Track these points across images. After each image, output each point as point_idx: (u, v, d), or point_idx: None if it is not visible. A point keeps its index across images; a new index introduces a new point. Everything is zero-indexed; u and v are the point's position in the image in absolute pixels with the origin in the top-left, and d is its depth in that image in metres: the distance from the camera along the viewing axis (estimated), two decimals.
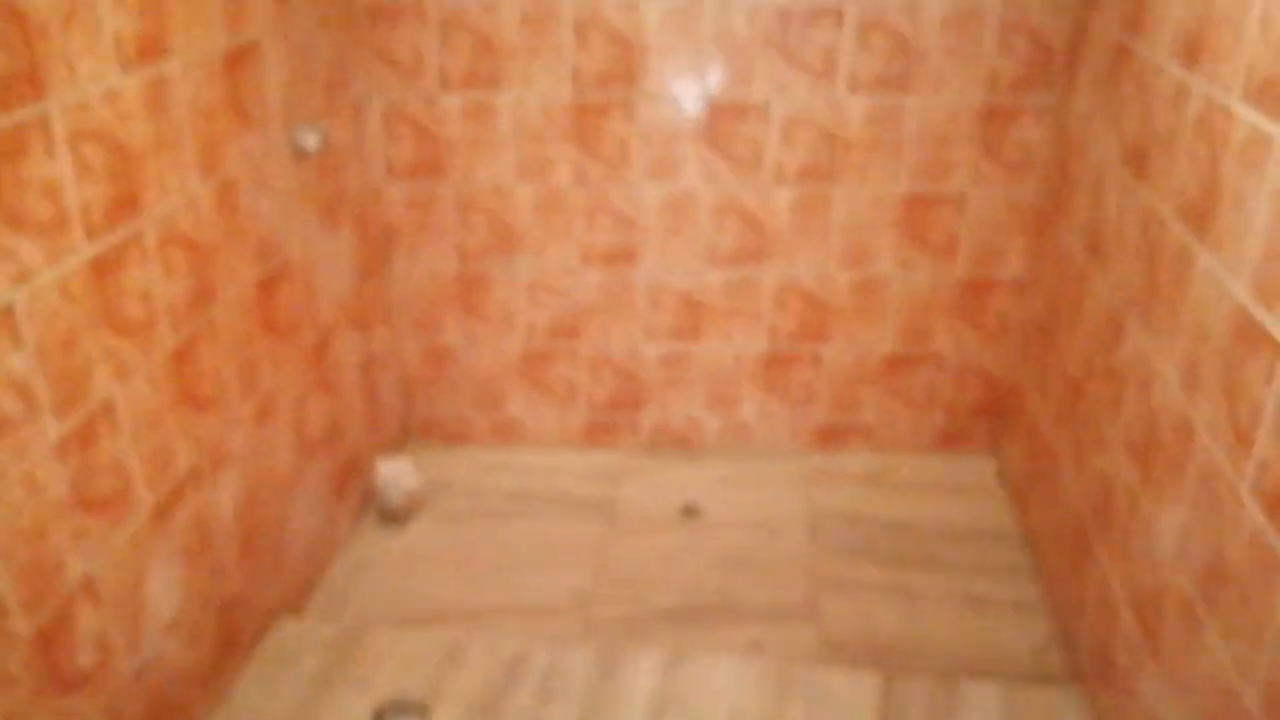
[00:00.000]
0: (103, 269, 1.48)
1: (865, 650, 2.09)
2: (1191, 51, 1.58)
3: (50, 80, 1.35)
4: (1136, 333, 1.73)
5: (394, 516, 2.50)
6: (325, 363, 2.26)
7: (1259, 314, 1.33)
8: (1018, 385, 2.51)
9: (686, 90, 2.37)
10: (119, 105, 1.49)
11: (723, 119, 2.39)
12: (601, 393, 2.72)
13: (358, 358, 2.44)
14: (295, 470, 2.13)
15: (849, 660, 2.06)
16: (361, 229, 2.41)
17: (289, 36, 2.00)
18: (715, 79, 2.36)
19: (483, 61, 2.37)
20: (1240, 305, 1.38)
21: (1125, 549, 1.73)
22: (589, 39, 2.33)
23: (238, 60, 1.82)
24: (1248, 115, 1.39)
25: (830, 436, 2.74)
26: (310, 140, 2.04)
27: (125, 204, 1.52)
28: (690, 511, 2.53)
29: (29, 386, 1.34)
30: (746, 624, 2.17)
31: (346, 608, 2.22)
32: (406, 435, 2.80)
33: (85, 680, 1.48)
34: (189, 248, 1.70)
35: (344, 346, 2.35)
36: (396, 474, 2.48)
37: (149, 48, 1.56)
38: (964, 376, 2.64)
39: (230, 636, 1.90)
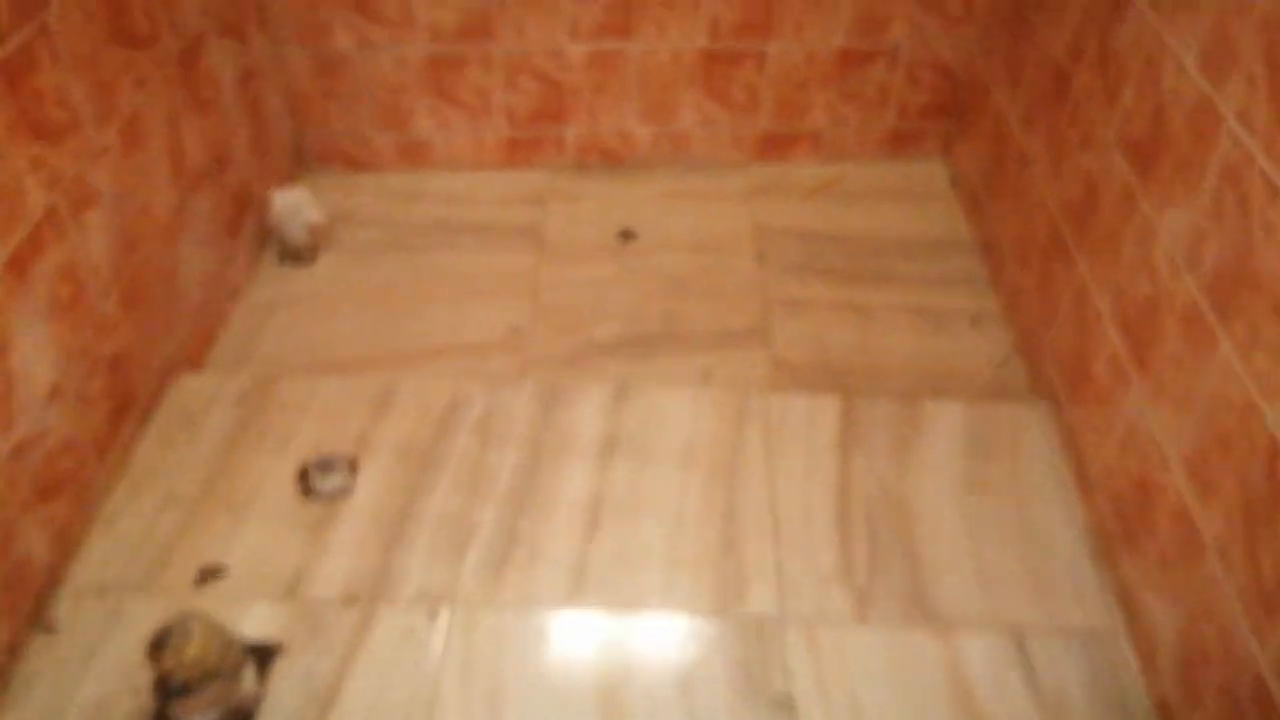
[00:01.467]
0: None
1: (820, 372, 2.00)
2: None
3: None
4: (1143, 8, 1.53)
5: (297, 254, 2.26)
6: (196, 76, 1.93)
7: None
8: (979, 79, 2.30)
9: None
10: None
11: None
12: (521, 103, 2.44)
13: (235, 71, 2.11)
14: (176, 206, 1.86)
15: (804, 384, 1.98)
16: None
17: None
18: None
19: None
20: None
21: (1114, 256, 1.61)
22: None
23: None
24: None
25: (775, 145, 2.54)
26: None
27: None
28: (626, 235, 2.35)
29: None
30: (694, 352, 2.05)
31: (254, 357, 2.03)
32: (301, 162, 2.51)
33: None
34: None
35: (216, 57, 2.01)
36: (294, 205, 2.22)
37: None
38: (919, 72, 2.42)
39: (124, 398, 1.71)
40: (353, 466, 1.71)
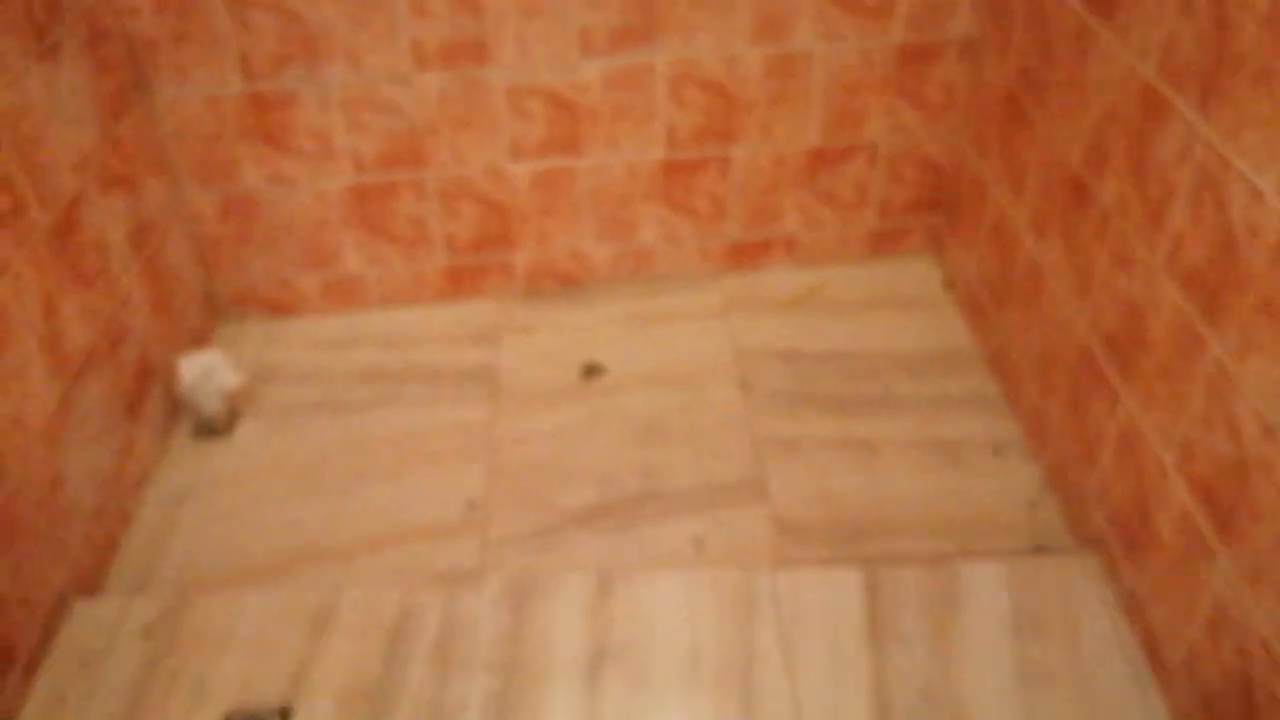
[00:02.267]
0: None
1: (831, 533, 1.73)
2: None
3: None
4: (1191, 118, 1.30)
5: (212, 426, 1.96)
6: (75, 246, 1.64)
7: None
8: (972, 174, 2.08)
9: None
10: None
11: None
12: (461, 230, 2.18)
13: (126, 228, 1.82)
14: (58, 406, 1.56)
15: (812, 544, 1.71)
16: (95, 52, 1.73)
17: None
18: None
19: None
20: None
21: (1177, 403, 1.37)
22: None
23: None
24: None
25: (747, 253, 2.29)
26: None
27: None
28: (592, 371, 2.08)
29: None
30: (681, 515, 1.78)
31: (164, 567, 1.72)
32: (215, 313, 2.22)
33: None
34: None
35: (99, 216, 1.73)
36: (206, 372, 1.92)
37: None
38: (901, 166, 2.20)
39: (6, 647, 1.40)
40: (285, 716, 1.41)
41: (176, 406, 1.97)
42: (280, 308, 2.24)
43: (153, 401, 1.90)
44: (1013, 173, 1.87)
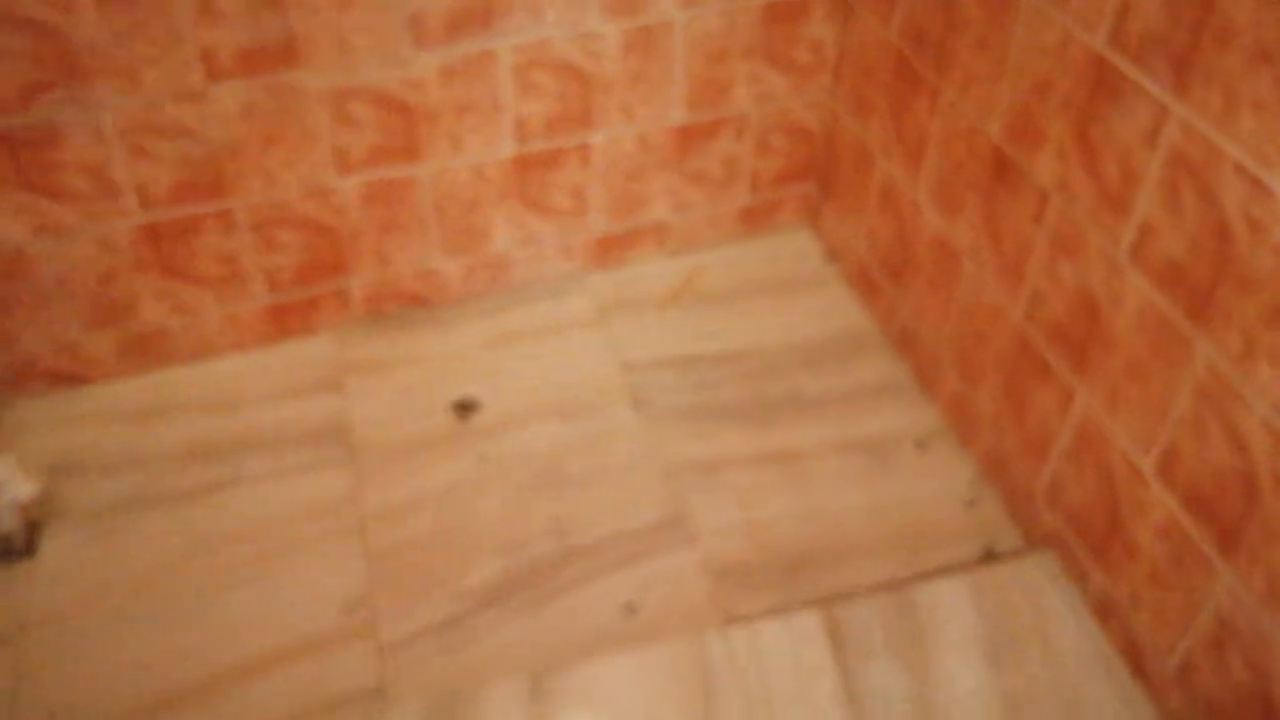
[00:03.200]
0: None
1: (768, 566, 1.57)
2: None
3: None
4: (1162, 94, 1.17)
5: (9, 548, 1.59)
6: None
7: None
8: (848, 137, 1.92)
9: None
10: None
11: None
12: (282, 262, 1.84)
13: None
14: None
15: (755, 587, 1.54)
16: None
17: None
18: None
19: None
20: None
21: (1156, 403, 1.26)
22: None
23: None
24: None
25: (614, 246, 2.07)
26: None
27: None
28: (465, 408, 1.82)
29: None
30: (604, 574, 1.57)
31: None
32: None
33: None
34: None
35: None
36: None
37: None
38: (770, 137, 2.01)
39: None
40: None
41: None
42: (68, 378, 1.85)
43: None
44: (906, 141, 1.72)
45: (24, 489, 1.58)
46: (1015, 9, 1.38)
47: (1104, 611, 1.42)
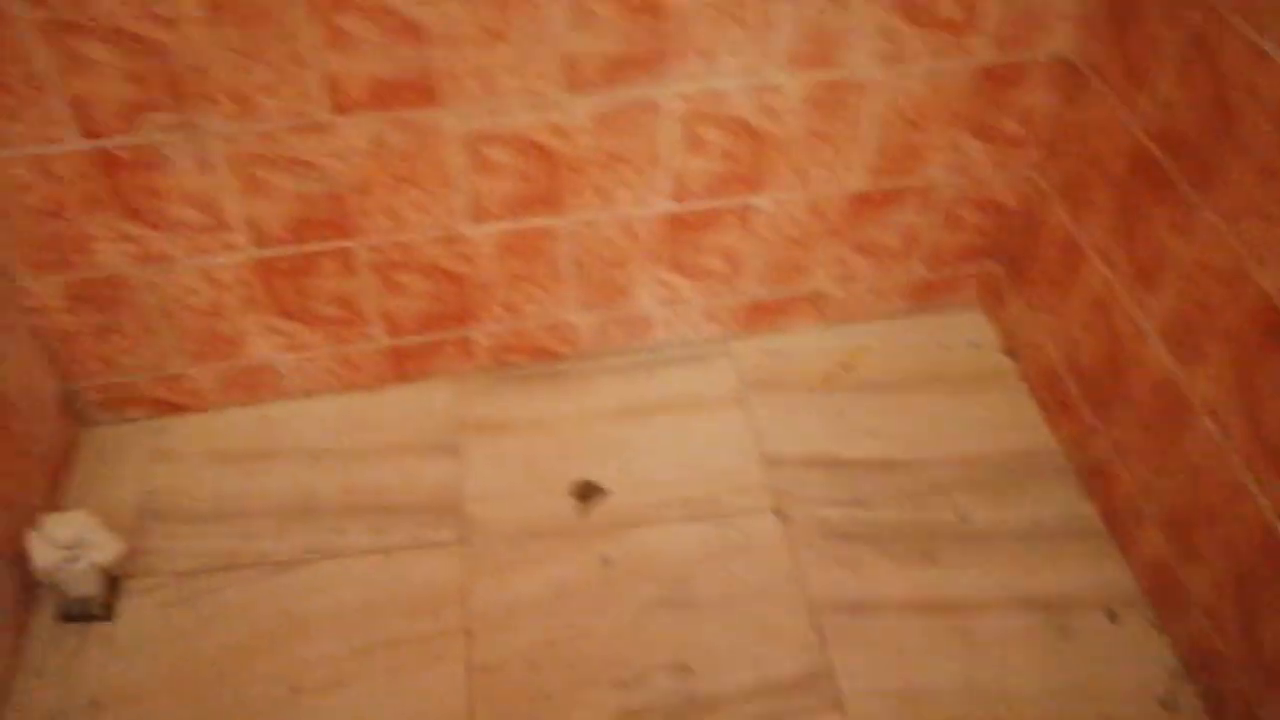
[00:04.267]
0: None
1: None
2: None
3: None
4: None
5: (86, 610, 1.39)
6: None
7: None
8: (1053, 223, 1.57)
9: None
10: None
11: None
12: (404, 306, 1.59)
13: None
14: None
15: None
16: None
17: None
18: None
19: None
20: None
21: None
22: None
23: None
24: None
25: (765, 313, 1.76)
26: None
27: None
28: (588, 492, 1.55)
29: None
30: None
31: None
32: (78, 423, 1.61)
33: None
34: None
35: None
36: (70, 545, 1.35)
37: None
38: (957, 208, 1.67)
39: None
40: None
41: (30, 587, 1.39)
42: (168, 407, 1.64)
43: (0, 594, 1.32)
44: (1136, 254, 1.37)
45: (106, 551, 1.37)
46: None
47: None
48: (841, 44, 1.41)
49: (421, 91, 1.34)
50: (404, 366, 1.68)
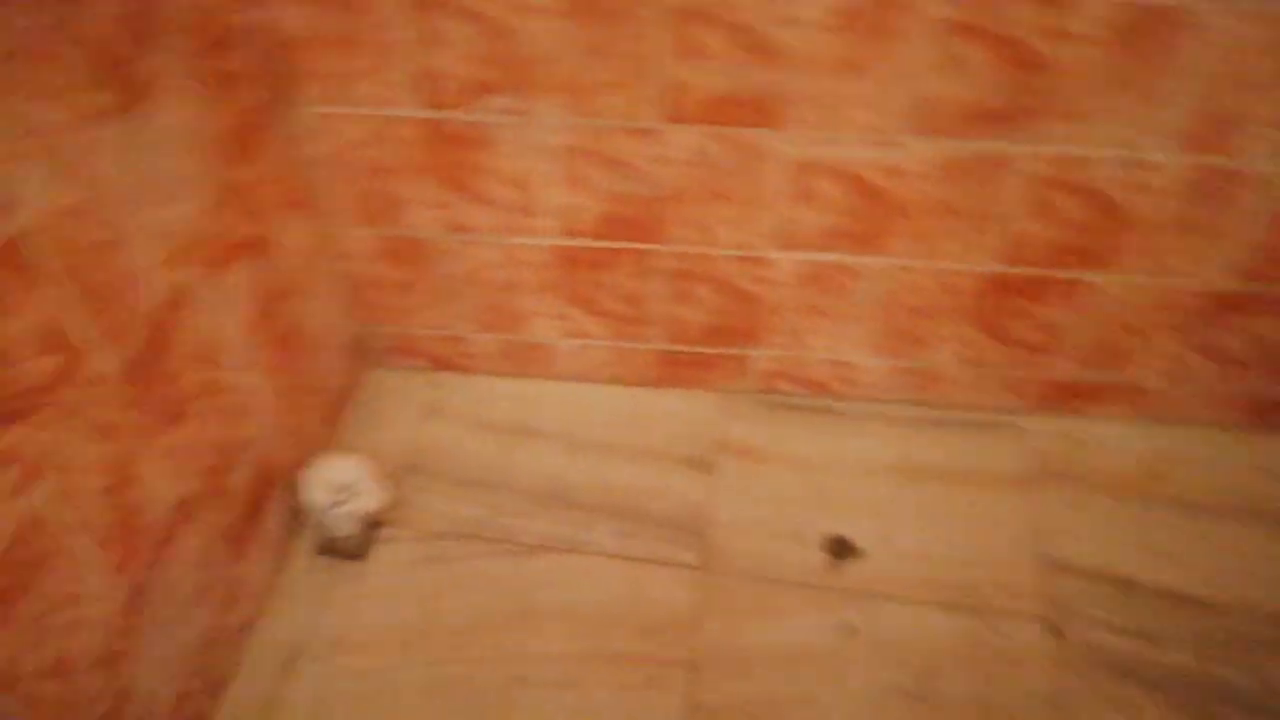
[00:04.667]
0: None
1: None
2: None
3: None
4: None
5: (344, 549, 1.46)
6: (161, 377, 1.10)
7: None
8: None
9: None
10: None
11: None
12: (692, 317, 1.54)
13: (249, 308, 1.27)
14: (129, 600, 1.06)
15: None
16: (209, 71, 1.14)
17: None
18: None
19: None
20: None
21: None
22: None
23: None
24: None
25: (1073, 396, 1.59)
26: None
27: None
28: (841, 550, 1.46)
29: None
30: None
31: None
32: (364, 363, 1.68)
33: None
34: None
35: (203, 316, 1.18)
36: (339, 490, 1.40)
37: None
38: None
39: None
40: None
41: (298, 514, 1.47)
42: (447, 364, 1.68)
43: (270, 517, 1.39)
44: None
45: (372, 500, 1.42)
46: None
47: None
48: (1235, 130, 1.20)
49: (758, 111, 1.26)
50: (676, 373, 1.63)
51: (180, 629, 1.18)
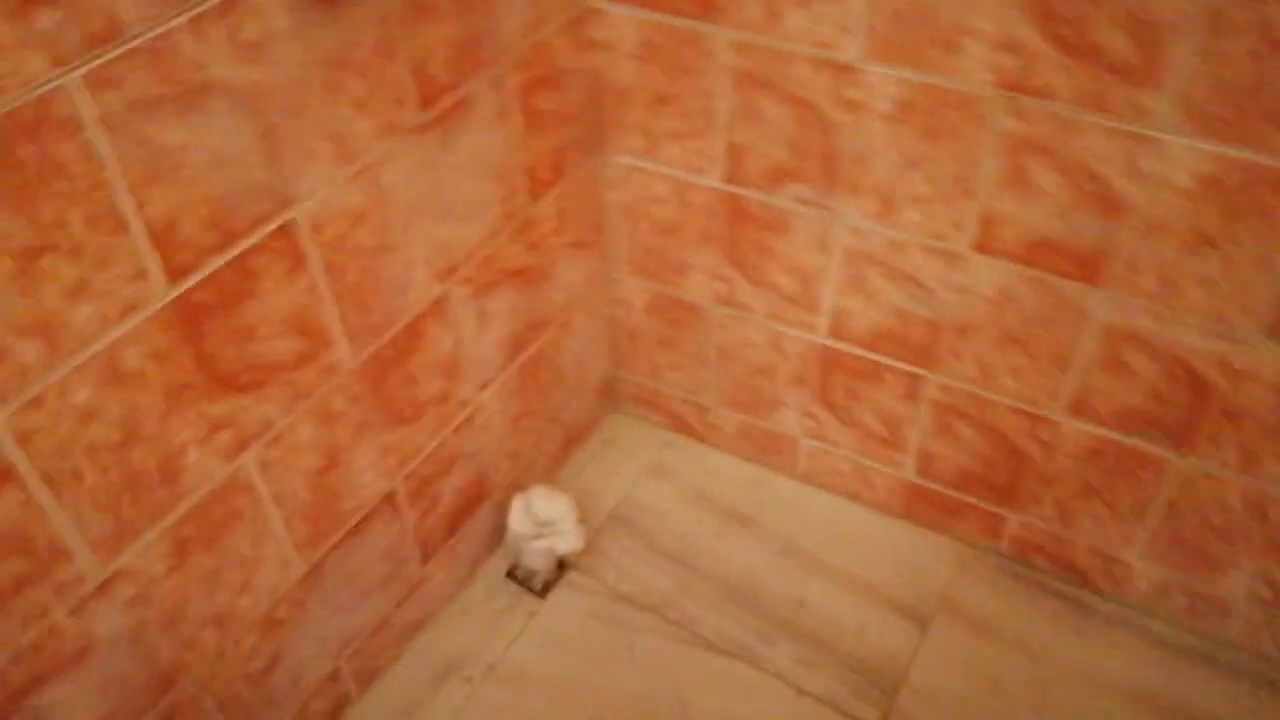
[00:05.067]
0: None
1: None
2: None
3: None
4: None
5: (529, 580, 1.45)
6: (397, 379, 1.12)
7: None
8: None
9: None
10: None
11: None
12: (948, 456, 1.39)
13: (505, 330, 1.28)
14: (308, 575, 1.10)
15: None
16: (533, 100, 1.15)
17: None
18: None
19: None
20: None
21: None
22: None
23: None
24: None
25: None
26: None
27: None
28: None
29: None
30: None
31: None
32: (611, 405, 1.66)
33: None
34: None
35: (455, 330, 1.20)
36: (541, 523, 1.39)
37: None
38: None
39: None
40: None
41: (499, 532, 1.47)
42: (686, 428, 1.63)
43: (472, 530, 1.41)
44: None
45: (568, 541, 1.40)
46: None
47: None
48: None
49: (1081, 264, 1.10)
50: (917, 508, 1.48)
51: (350, 613, 1.21)
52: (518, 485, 1.45)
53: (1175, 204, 1.01)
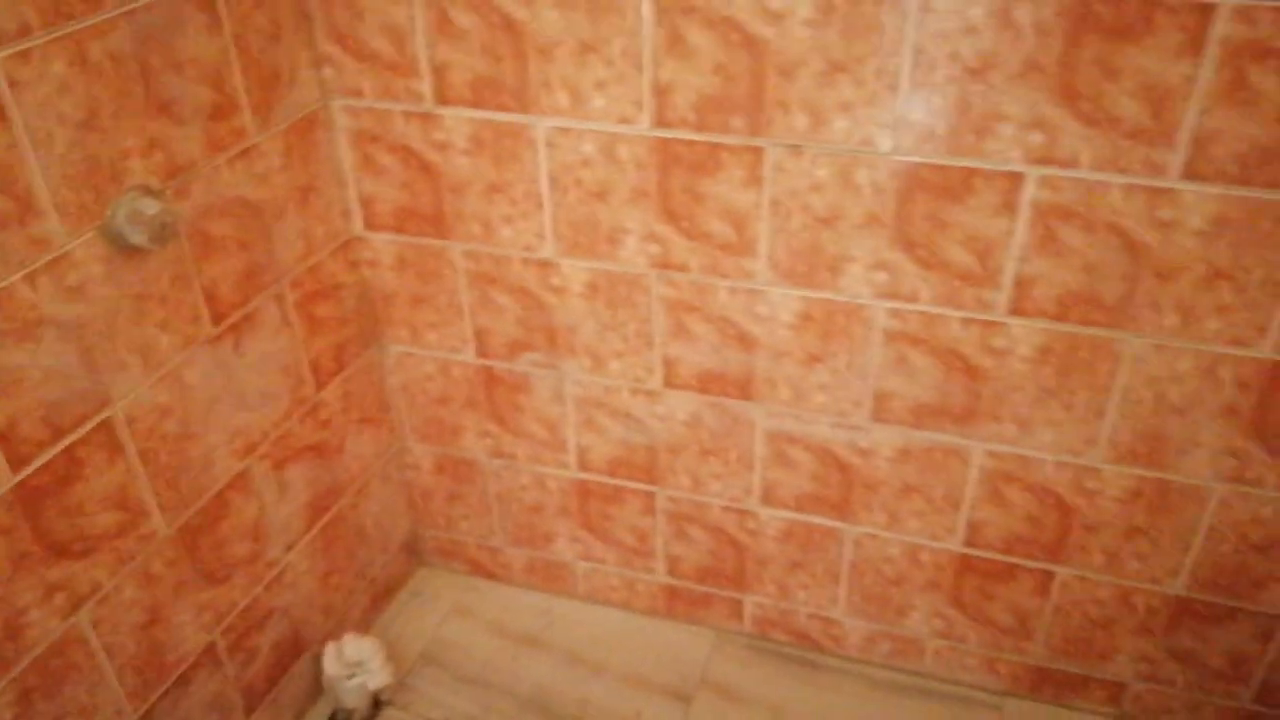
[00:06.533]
0: None
1: None
2: None
3: None
4: None
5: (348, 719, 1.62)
6: (208, 544, 1.34)
7: None
8: None
9: (871, 116, 1.20)
10: None
11: (926, 177, 1.21)
12: (688, 555, 1.69)
13: (302, 498, 1.52)
14: None
15: None
16: (312, 310, 1.44)
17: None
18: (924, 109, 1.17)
19: (508, 62, 1.28)
20: None
21: None
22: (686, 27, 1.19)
23: None
24: None
25: (1051, 684, 1.60)
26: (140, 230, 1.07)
27: None
28: None
29: None
30: None
31: None
32: (417, 560, 1.89)
33: None
34: None
35: (256, 501, 1.43)
36: (352, 664, 1.58)
37: None
38: None
39: None
40: None
41: (320, 682, 1.65)
42: (484, 570, 1.87)
43: (292, 680, 1.58)
44: None
45: (378, 678, 1.59)
46: None
47: None
48: (1177, 451, 1.29)
49: (739, 386, 1.45)
50: (675, 605, 1.76)
51: None
52: (334, 638, 1.64)
53: (783, 335, 1.38)
